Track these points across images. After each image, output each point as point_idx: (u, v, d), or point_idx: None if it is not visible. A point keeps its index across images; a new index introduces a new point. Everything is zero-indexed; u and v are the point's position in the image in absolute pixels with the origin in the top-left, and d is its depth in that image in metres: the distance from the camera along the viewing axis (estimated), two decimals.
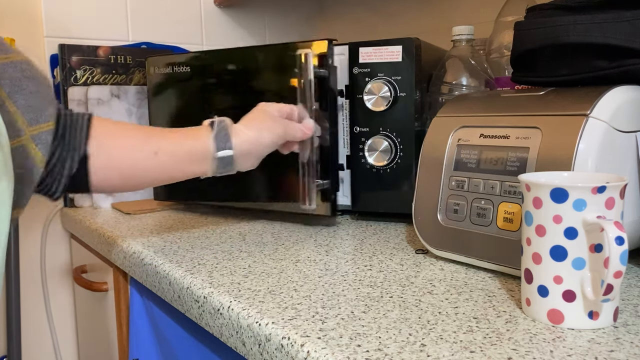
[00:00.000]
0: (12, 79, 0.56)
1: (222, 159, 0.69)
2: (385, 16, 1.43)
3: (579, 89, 0.59)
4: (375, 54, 0.83)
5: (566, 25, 0.59)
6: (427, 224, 0.65)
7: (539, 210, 0.45)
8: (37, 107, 0.58)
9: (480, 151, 0.60)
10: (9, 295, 1.20)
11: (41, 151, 0.57)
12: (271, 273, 0.62)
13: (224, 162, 0.70)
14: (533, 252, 0.46)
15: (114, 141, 0.66)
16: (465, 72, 0.84)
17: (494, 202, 0.58)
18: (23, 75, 0.57)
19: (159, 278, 0.68)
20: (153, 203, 1.09)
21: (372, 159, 0.84)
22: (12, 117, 0.55)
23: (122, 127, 0.69)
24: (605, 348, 0.41)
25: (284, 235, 0.80)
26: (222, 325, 0.54)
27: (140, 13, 1.34)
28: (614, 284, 0.42)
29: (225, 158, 0.69)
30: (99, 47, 1.21)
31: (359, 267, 0.64)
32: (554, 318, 0.46)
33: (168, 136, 0.69)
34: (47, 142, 0.58)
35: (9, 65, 0.57)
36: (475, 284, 0.57)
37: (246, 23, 1.51)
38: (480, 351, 0.41)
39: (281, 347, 0.45)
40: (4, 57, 0.57)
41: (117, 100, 1.16)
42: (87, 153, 0.64)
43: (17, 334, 1.20)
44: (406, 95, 0.82)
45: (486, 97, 0.66)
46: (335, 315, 0.49)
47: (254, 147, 0.72)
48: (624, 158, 0.55)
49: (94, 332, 1.13)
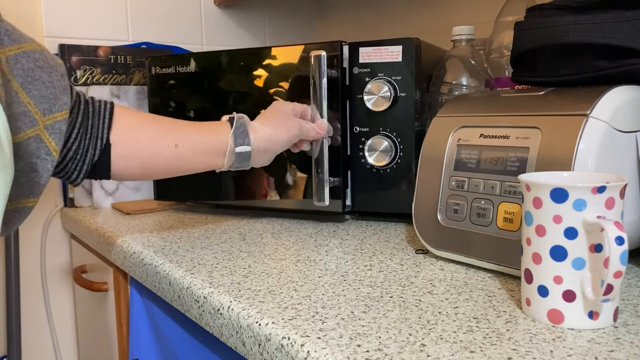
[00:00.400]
0: (25, 69, 0.57)
1: (240, 154, 0.71)
2: (385, 16, 1.43)
3: (579, 89, 0.59)
4: (375, 54, 0.83)
5: (566, 25, 0.59)
6: (427, 224, 0.65)
7: (539, 210, 0.45)
8: (50, 96, 0.59)
9: (480, 151, 0.60)
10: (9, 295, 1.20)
11: (55, 140, 0.59)
12: (271, 273, 0.62)
13: (242, 157, 0.72)
14: (533, 252, 0.46)
15: (136, 131, 0.68)
16: (465, 72, 0.84)
17: (494, 202, 0.58)
18: (36, 65, 0.58)
19: (159, 278, 0.68)
20: (153, 203, 1.09)
21: (372, 159, 0.84)
22: (26, 107, 0.56)
23: (143, 117, 0.71)
24: (605, 348, 0.41)
25: (284, 235, 0.80)
26: (222, 325, 0.54)
27: (140, 13, 1.34)
28: (614, 284, 0.41)
29: (243, 154, 0.72)
30: (99, 47, 1.21)
31: (359, 267, 0.64)
32: (554, 318, 0.45)
33: (189, 129, 0.71)
34: (61, 132, 0.59)
35: (22, 56, 0.57)
36: (475, 284, 0.57)
37: (246, 23, 1.51)
38: (480, 351, 0.41)
39: (281, 347, 0.45)
40: (17, 47, 0.57)
41: (117, 100, 1.16)
42: (109, 142, 0.66)
43: (17, 334, 1.20)
44: (406, 95, 0.82)
45: (486, 97, 0.66)
46: (335, 315, 0.49)
47: (271, 144, 0.74)
48: (624, 158, 0.55)
49: (94, 332, 1.13)
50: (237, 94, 0.92)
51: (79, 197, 1.17)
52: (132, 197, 1.17)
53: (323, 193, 0.83)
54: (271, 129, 0.74)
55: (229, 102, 0.92)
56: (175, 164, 0.70)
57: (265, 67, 0.90)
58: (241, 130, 0.72)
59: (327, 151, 0.83)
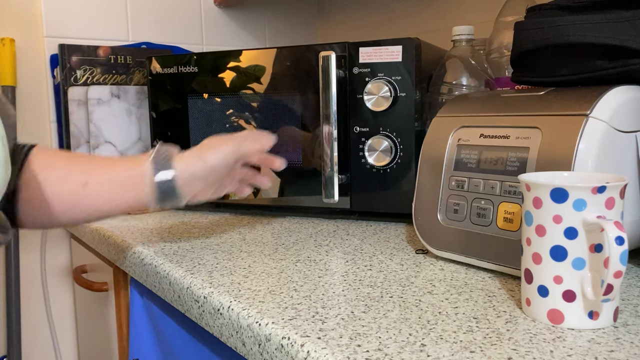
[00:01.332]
0: None
1: (161, 184, 0.62)
2: (385, 16, 1.43)
3: (579, 89, 0.59)
4: (375, 54, 0.83)
5: (566, 25, 0.59)
6: (427, 224, 0.65)
7: (539, 210, 0.45)
8: None
9: (480, 151, 0.60)
10: (9, 295, 1.20)
11: None
12: (271, 273, 0.62)
13: (165, 188, 0.62)
14: (533, 252, 0.46)
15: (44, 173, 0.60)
16: (465, 72, 0.84)
17: (494, 202, 0.58)
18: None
19: (159, 278, 0.68)
20: None
21: (372, 159, 0.84)
22: None
23: (57, 157, 0.63)
24: (605, 348, 0.41)
25: (284, 235, 0.80)
26: (222, 325, 0.54)
27: (140, 13, 1.34)
28: (614, 284, 0.41)
29: (165, 182, 0.62)
30: (99, 47, 1.21)
31: (359, 267, 0.64)
32: (554, 318, 0.45)
33: (101, 165, 0.62)
34: None
35: None
36: (475, 284, 0.57)
37: (246, 23, 1.51)
38: (480, 351, 0.41)
39: (281, 347, 0.45)
40: None
41: (117, 100, 1.16)
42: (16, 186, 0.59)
43: (17, 334, 1.20)
44: (406, 95, 0.82)
45: (486, 97, 0.66)
46: (335, 315, 0.49)
47: (202, 168, 0.64)
48: (624, 158, 0.55)
49: (94, 332, 1.13)
50: (238, 94, 0.92)
51: None
52: None
53: (332, 190, 0.84)
54: (198, 151, 0.65)
55: (230, 103, 0.92)
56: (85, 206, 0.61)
57: (267, 67, 0.90)
58: (162, 157, 0.62)
59: (336, 147, 0.84)
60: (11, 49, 1.20)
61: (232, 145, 0.66)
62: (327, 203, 0.86)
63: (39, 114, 1.25)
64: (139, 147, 1.18)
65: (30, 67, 1.24)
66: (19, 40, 1.22)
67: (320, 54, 0.83)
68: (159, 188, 0.62)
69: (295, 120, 0.89)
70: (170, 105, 0.98)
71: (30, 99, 1.24)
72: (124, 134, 1.16)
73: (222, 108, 0.93)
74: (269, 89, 0.90)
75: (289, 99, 0.89)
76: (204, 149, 0.65)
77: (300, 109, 0.88)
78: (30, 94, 1.24)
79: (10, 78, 1.20)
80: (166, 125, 0.99)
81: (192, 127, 0.96)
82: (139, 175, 0.61)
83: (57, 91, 1.24)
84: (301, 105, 0.88)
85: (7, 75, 1.20)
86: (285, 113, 0.89)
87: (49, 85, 1.25)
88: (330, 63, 0.83)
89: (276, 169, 0.75)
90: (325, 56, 0.83)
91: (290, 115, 0.89)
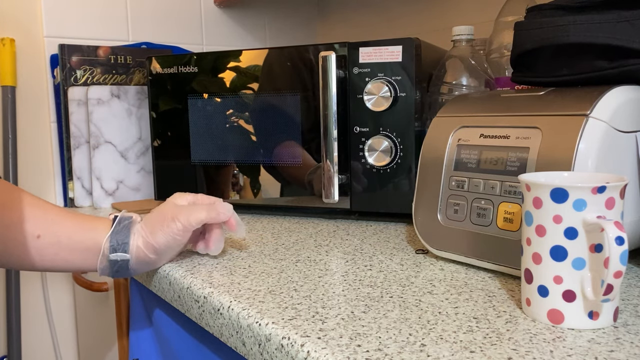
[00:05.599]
0: None
1: (115, 263, 0.62)
2: (385, 16, 1.43)
3: (579, 89, 0.59)
4: (375, 54, 0.83)
5: (566, 25, 0.59)
6: (427, 224, 0.65)
7: (539, 210, 0.45)
8: None
9: (480, 151, 0.60)
10: (9, 295, 1.20)
11: None
12: (271, 273, 0.62)
13: (117, 266, 0.62)
14: (533, 252, 0.46)
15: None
16: (465, 72, 0.84)
17: (494, 202, 0.58)
18: None
19: (159, 278, 0.68)
20: (153, 203, 1.09)
21: (372, 159, 0.84)
22: None
23: (14, 200, 0.61)
24: (605, 348, 0.41)
25: (284, 235, 0.80)
26: (222, 325, 0.54)
27: (140, 13, 1.34)
28: (614, 284, 0.42)
29: (119, 262, 0.62)
30: (99, 47, 1.22)
31: (359, 267, 0.64)
32: (554, 318, 0.46)
33: (61, 220, 0.61)
34: None
35: None
36: (475, 284, 0.57)
37: (246, 23, 1.51)
38: (480, 351, 0.41)
39: (281, 347, 0.45)
40: None
41: (117, 100, 1.16)
42: None
43: (17, 334, 1.20)
44: (406, 95, 0.82)
45: (486, 97, 0.66)
46: (335, 315, 0.49)
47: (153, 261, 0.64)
48: (624, 158, 0.55)
49: (94, 332, 1.13)
50: (238, 94, 0.92)
51: (79, 196, 1.17)
52: (132, 197, 1.17)
53: (332, 190, 0.84)
54: (156, 223, 0.63)
55: (230, 103, 0.92)
56: (34, 257, 0.60)
57: (267, 67, 0.90)
58: (122, 233, 0.61)
59: (336, 147, 0.84)
60: (11, 49, 1.20)
61: (183, 221, 0.63)
62: (327, 203, 0.86)
63: (39, 114, 1.25)
64: (139, 147, 1.18)
65: (30, 67, 1.24)
66: (19, 40, 1.22)
67: (320, 54, 0.84)
68: (111, 265, 0.62)
69: (295, 120, 0.89)
70: (170, 105, 0.98)
71: (30, 99, 1.24)
72: (124, 134, 1.16)
73: (222, 108, 0.93)
74: (271, 89, 0.90)
75: (289, 99, 0.89)
76: (156, 228, 0.63)
77: (300, 109, 0.88)
78: (30, 94, 1.24)
79: (10, 78, 1.20)
80: (166, 125, 0.99)
81: (192, 127, 0.96)
82: (97, 244, 0.61)
83: (57, 91, 1.24)
84: (301, 105, 0.88)
85: (7, 76, 1.20)
86: (285, 113, 0.89)
87: (49, 86, 1.25)
88: (330, 63, 0.83)
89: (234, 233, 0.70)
90: (325, 56, 0.83)
91: (290, 115, 0.89)
